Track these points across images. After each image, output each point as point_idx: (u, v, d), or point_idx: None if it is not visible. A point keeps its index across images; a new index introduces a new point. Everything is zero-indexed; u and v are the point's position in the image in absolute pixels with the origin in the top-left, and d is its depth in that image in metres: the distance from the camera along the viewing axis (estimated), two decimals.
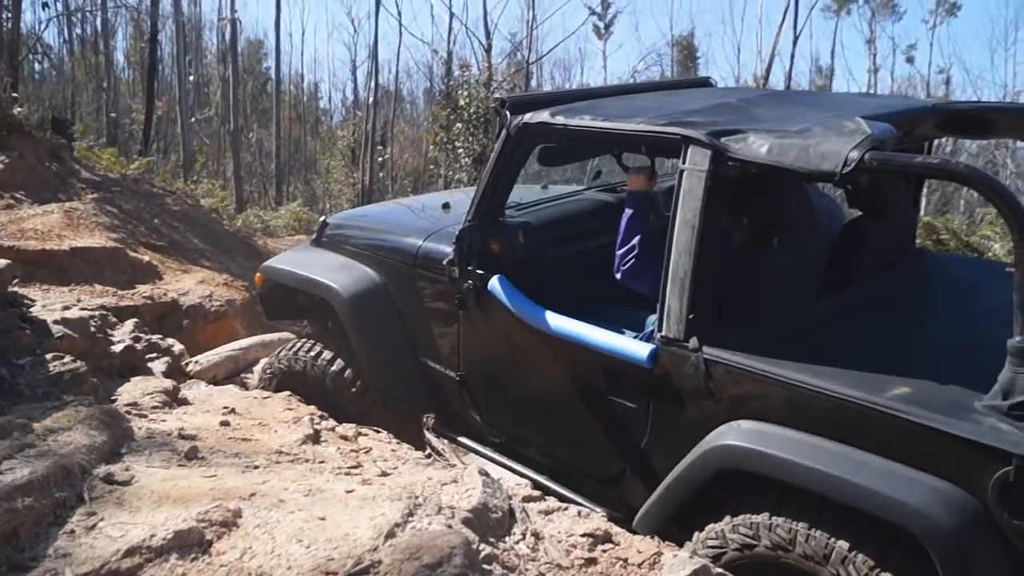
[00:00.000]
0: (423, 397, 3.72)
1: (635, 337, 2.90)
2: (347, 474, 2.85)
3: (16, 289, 4.66)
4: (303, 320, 4.17)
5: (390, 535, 2.19)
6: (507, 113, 3.18)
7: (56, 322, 3.92)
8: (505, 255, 3.28)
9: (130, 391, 3.68)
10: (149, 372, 4.20)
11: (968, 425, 2.11)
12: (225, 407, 3.63)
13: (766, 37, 27.36)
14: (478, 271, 3.26)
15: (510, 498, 2.74)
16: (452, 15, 20.10)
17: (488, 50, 17.40)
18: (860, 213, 3.45)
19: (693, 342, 2.61)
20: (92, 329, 4.13)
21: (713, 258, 2.64)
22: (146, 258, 7.00)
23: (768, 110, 3.01)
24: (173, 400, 3.66)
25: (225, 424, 3.33)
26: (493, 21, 19.34)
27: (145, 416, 3.31)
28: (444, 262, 3.36)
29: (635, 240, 2.93)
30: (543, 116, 3.10)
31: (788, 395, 2.40)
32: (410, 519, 2.31)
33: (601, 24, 25.66)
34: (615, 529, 2.58)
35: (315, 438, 3.35)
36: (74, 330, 3.93)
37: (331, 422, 3.67)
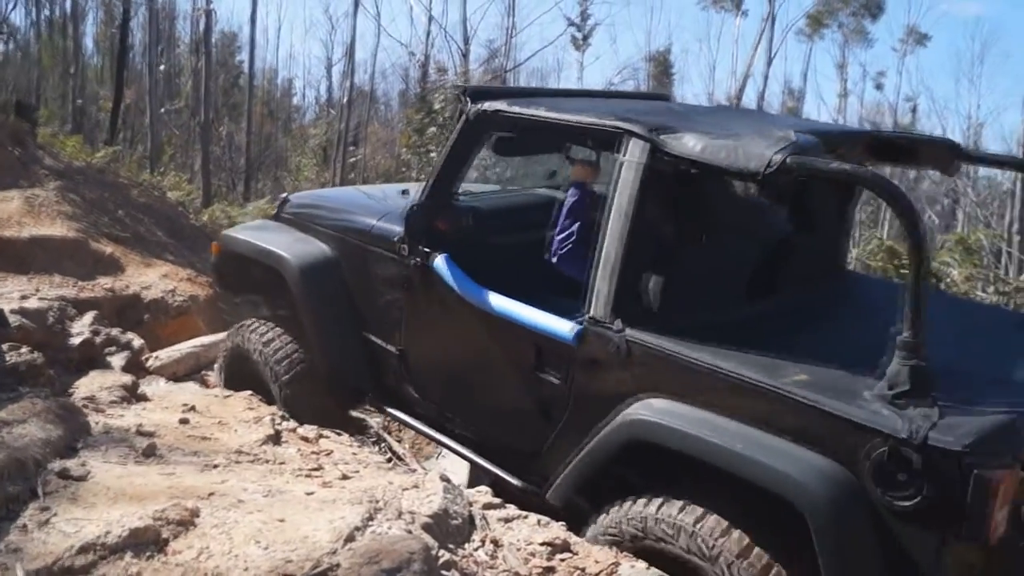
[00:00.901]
0: (363, 371, 3.80)
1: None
2: (308, 476, 2.84)
3: None
4: (254, 295, 4.19)
5: (349, 539, 2.18)
6: (467, 100, 3.34)
7: (13, 312, 3.86)
8: (453, 236, 3.42)
9: (88, 385, 3.63)
10: (108, 366, 4.14)
11: (852, 408, 2.30)
12: (185, 404, 3.60)
13: (741, 57, 27.68)
14: (425, 249, 3.38)
15: (470, 505, 2.75)
16: (431, 18, 20.03)
17: (465, 55, 17.42)
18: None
19: (617, 323, 2.77)
20: (50, 320, 4.07)
21: (642, 247, 2.81)
22: (108, 250, 6.87)
23: (710, 119, 3.19)
24: (132, 396, 3.62)
25: (185, 422, 3.29)
26: (472, 27, 19.18)
27: (103, 411, 3.27)
28: (395, 240, 3.50)
29: (574, 227, 3.09)
30: (499, 105, 3.27)
31: (697, 376, 2.58)
32: (370, 523, 2.31)
33: (579, 35, 25.67)
34: (574, 539, 2.60)
35: (276, 439, 3.33)
36: (32, 320, 3.87)
37: (292, 423, 3.65)
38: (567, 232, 3.11)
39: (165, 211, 9.61)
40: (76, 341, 4.07)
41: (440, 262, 3.33)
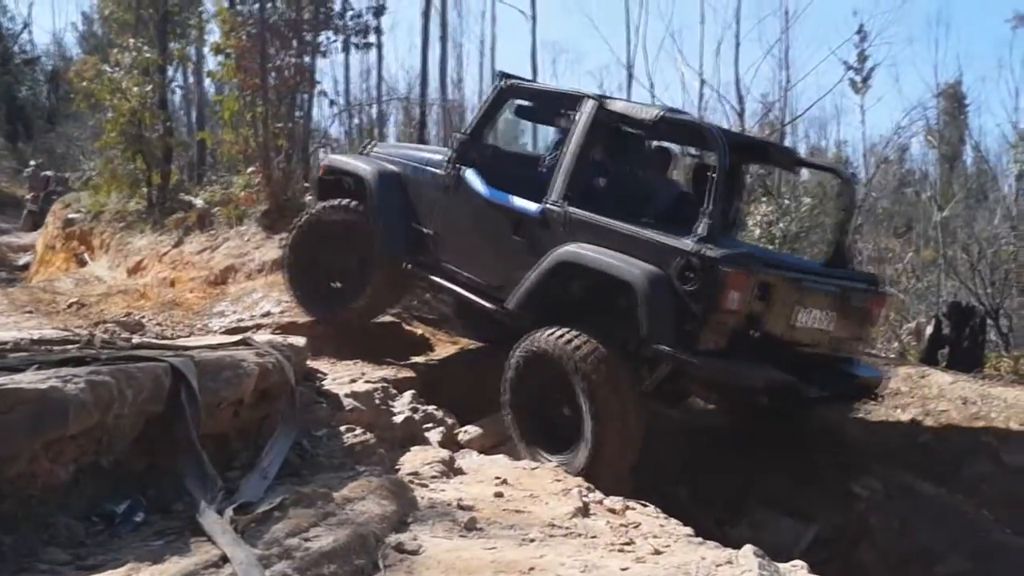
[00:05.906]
0: (408, 247, 5.90)
1: None
2: (620, 551, 2.82)
3: (309, 363, 5.16)
4: (343, 200, 6.21)
5: None
6: (502, 76, 5.72)
7: (346, 395, 4.29)
8: (481, 159, 5.62)
9: (411, 461, 3.90)
10: (426, 442, 4.45)
11: (673, 240, 4.39)
12: (497, 477, 3.75)
13: None
14: (460, 165, 5.57)
15: None
16: (703, 82, 19.80)
17: (740, 113, 16.96)
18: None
19: (563, 203, 4.90)
20: (376, 401, 4.47)
21: (584, 162, 5.06)
22: (419, 331, 7.48)
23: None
24: (450, 470, 3.83)
25: (499, 495, 3.43)
26: (745, 86, 18.63)
27: (426, 486, 3.49)
28: (444, 162, 5.69)
29: (555, 152, 5.35)
30: (517, 80, 5.69)
31: (599, 230, 4.69)
32: None
33: (858, 78, 23.89)
34: None
35: (584, 511, 3.36)
36: (361, 403, 4.28)
37: (598, 494, 3.66)
38: (551, 155, 5.47)
39: None
40: (399, 419, 4.44)
41: (470, 173, 5.52)
